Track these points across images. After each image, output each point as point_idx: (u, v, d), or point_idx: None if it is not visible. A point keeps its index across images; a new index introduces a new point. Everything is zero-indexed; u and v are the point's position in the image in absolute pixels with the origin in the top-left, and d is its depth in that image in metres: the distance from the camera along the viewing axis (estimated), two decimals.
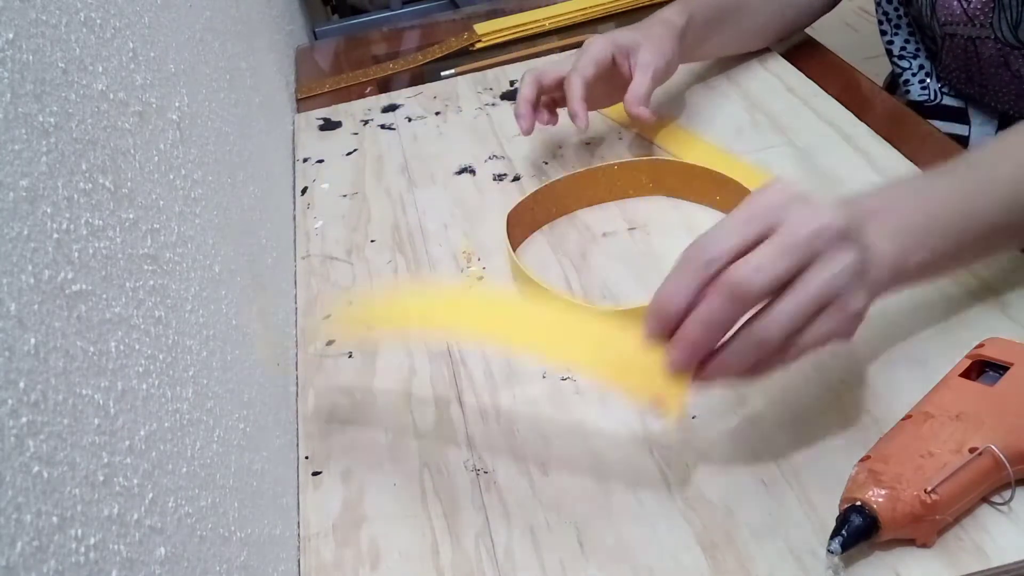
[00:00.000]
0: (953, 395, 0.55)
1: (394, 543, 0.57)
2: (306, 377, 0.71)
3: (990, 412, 0.53)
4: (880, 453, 0.52)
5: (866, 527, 0.49)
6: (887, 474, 0.50)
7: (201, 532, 0.44)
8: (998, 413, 0.53)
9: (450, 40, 1.21)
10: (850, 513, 0.49)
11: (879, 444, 0.53)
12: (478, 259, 0.79)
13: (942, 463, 0.50)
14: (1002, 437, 0.51)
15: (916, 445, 0.52)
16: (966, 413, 0.53)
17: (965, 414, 0.53)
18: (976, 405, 0.53)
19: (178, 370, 0.47)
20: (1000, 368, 0.56)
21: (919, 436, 0.52)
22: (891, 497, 0.49)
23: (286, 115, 1.06)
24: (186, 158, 0.58)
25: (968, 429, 0.52)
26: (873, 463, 0.51)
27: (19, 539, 0.29)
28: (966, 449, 0.51)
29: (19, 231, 0.34)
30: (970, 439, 0.51)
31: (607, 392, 0.64)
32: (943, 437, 0.52)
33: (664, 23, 0.87)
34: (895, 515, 0.49)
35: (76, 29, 0.45)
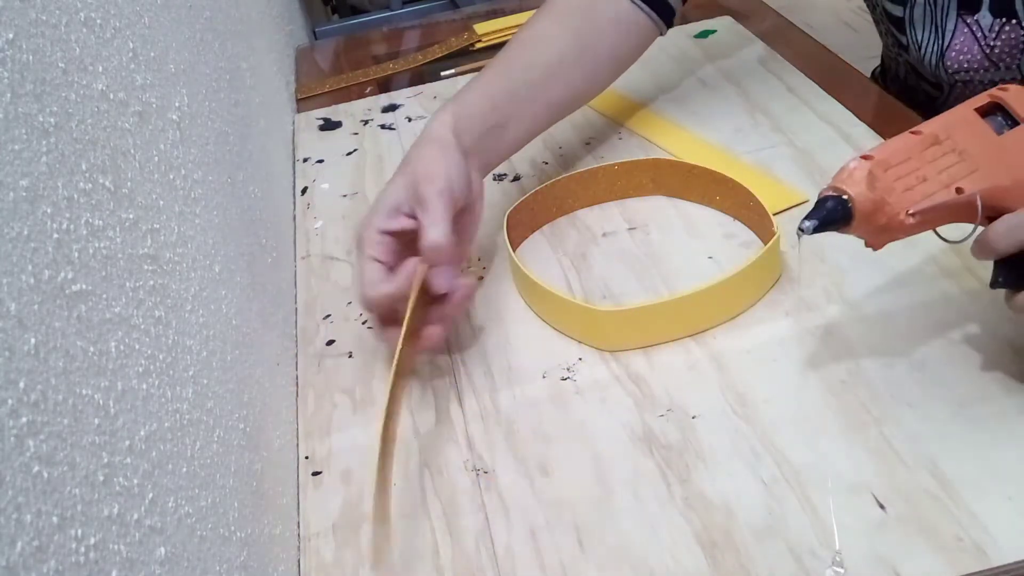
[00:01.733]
0: (966, 129, 0.55)
1: (394, 543, 0.57)
2: (306, 377, 0.71)
3: (988, 160, 0.54)
4: (883, 159, 0.53)
5: (841, 218, 0.52)
6: (881, 182, 0.52)
7: (201, 532, 0.44)
8: (995, 164, 0.54)
9: (450, 40, 1.21)
10: (834, 201, 0.52)
11: (883, 148, 0.54)
12: (478, 259, 0.79)
13: (930, 192, 0.52)
14: (988, 187, 0.53)
15: (916, 164, 0.53)
16: (969, 152, 0.54)
17: (968, 153, 0.54)
18: (980, 148, 0.54)
19: (178, 370, 0.47)
20: (1011, 120, 0.56)
21: (922, 157, 0.53)
22: (877, 204, 0.51)
23: (286, 115, 1.06)
24: (186, 158, 0.58)
25: (964, 168, 0.53)
26: (874, 166, 0.52)
27: (19, 539, 0.29)
28: (954, 187, 0.53)
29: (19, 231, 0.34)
30: (961, 179, 0.53)
31: (607, 392, 0.64)
32: (941, 166, 0.53)
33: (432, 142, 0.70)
34: (870, 220, 0.52)
35: (76, 29, 0.45)
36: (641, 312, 0.66)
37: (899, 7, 0.86)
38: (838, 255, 0.71)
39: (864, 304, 0.66)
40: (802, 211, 0.77)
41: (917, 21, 0.85)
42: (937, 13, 0.83)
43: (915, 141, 0.54)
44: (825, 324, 0.66)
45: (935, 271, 0.68)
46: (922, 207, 0.51)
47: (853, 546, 0.51)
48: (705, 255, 0.74)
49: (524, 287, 0.73)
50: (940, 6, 0.82)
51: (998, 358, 0.60)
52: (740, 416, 0.60)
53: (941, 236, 0.55)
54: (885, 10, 0.89)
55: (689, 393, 0.62)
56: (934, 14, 0.83)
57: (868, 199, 0.51)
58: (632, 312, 0.66)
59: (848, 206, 0.51)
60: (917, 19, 0.85)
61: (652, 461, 0.58)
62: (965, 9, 0.81)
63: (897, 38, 0.90)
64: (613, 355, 0.67)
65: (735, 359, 0.64)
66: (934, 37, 0.84)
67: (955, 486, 0.53)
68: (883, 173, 0.52)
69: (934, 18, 0.83)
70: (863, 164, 0.52)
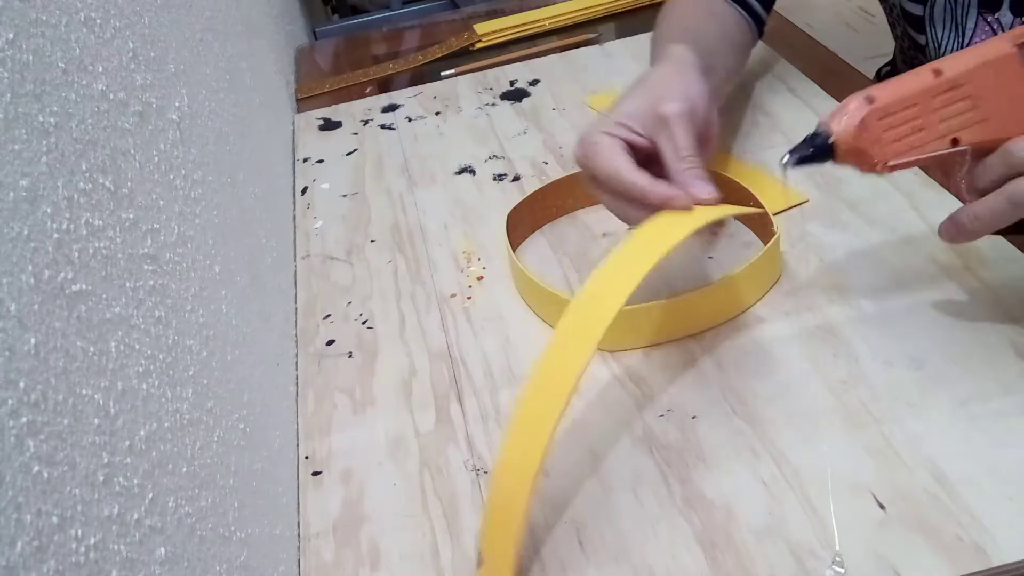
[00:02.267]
0: (990, 76, 0.53)
1: (394, 543, 0.57)
2: (306, 377, 0.71)
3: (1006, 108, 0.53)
4: (883, 105, 0.53)
5: (823, 156, 0.53)
6: (871, 132, 0.52)
7: (201, 532, 0.44)
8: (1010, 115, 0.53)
9: (450, 40, 1.21)
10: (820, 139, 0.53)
11: (893, 88, 0.54)
12: (478, 259, 0.79)
13: (921, 143, 0.52)
14: (991, 134, 0.53)
15: (918, 112, 0.53)
16: (985, 100, 0.53)
17: (984, 100, 0.53)
18: (1001, 94, 0.53)
19: (178, 370, 0.47)
20: None
21: (929, 104, 0.53)
22: (860, 154, 0.52)
23: (286, 115, 1.06)
24: (186, 158, 0.58)
25: (971, 118, 0.53)
26: (870, 114, 0.53)
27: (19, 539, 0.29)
28: (950, 138, 0.52)
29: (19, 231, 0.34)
30: (962, 130, 0.53)
31: (607, 392, 0.64)
32: (946, 115, 0.53)
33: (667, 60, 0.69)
34: (850, 161, 0.53)
35: (76, 29, 0.45)
36: (641, 312, 0.66)
37: (919, 6, 0.86)
38: (838, 255, 0.71)
39: (864, 304, 0.66)
40: (802, 211, 0.77)
41: (937, 19, 0.85)
42: (958, 11, 0.83)
43: (930, 85, 0.53)
44: (825, 324, 0.66)
45: (935, 271, 0.68)
46: (902, 161, 0.52)
47: (853, 546, 0.51)
48: (705, 255, 0.74)
49: (524, 287, 0.73)
50: (960, 4, 0.83)
51: (998, 358, 0.60)
52: (740, 416, 0.60)
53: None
54: (903, 9, 0.89)
55: (689, 393, 0.62)
56: (954, 12, 0.83)
57: (851, 146, 0.52)
58: (632, 312, 0.66)
59: (831, 145, 0.53)
60: (937, 17, 0.85)
61: (652, 461, 0.58)
62: (986, 7, 0.81)
63: (914, 39, 0.89)
64: (613, 355, 0.67)
65: (735, 359, 0.64)
66: (954, 35, 0.84)
67: (955, 486, 0.53)
68: (876, 122, 0.52)
69: (954, 16, 0.83)
70: (860, 108, 0.52)
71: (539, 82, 1.06)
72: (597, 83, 1.03)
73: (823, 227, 0.75)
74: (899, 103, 0.53)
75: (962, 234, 0.57)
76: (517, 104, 1.02)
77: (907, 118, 0.52)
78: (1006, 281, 0.66)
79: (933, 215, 0.73)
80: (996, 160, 0.54)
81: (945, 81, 0.53)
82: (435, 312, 0.74)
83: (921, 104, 0.53)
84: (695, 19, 0.82)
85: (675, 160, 0.62)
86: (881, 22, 1.01)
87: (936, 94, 0.53)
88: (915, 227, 0.72)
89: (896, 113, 0.52)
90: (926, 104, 0.53)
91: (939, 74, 0.54)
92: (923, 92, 0.53)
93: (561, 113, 0.99)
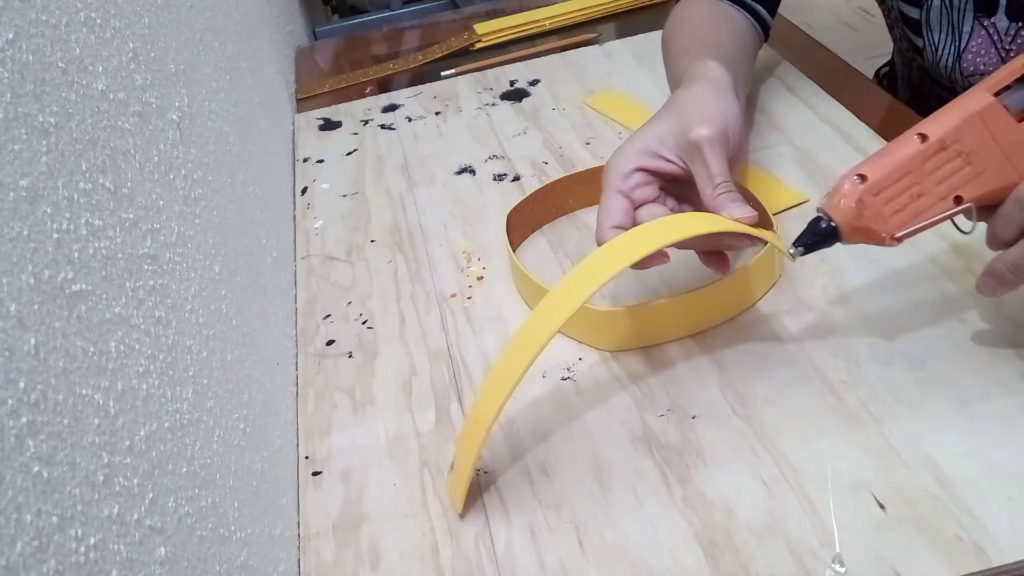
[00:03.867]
0: (978, 125, 0.52)
1: (394, 543, 0.57)
2: (306, 377, 0.71)
3: (1001, 155, 0.52)
4: (876, 181, 0.52)
5: (829, 239, 0.53)
6: (870, 209, 0.52)
7: (201, 532, 0.44)
8: (1007, 159, 0.52)
9: (450, 40, 1.21)
10: (824, 223, 0.53)
11: (882, 163, 0.53)
12: (478, 259, 0.79)
13: (924, 208, 0.52)
14: (994, 186, 0.52)
15: (913, 179, 0.52)
16: (977, 153, 0.52)
17: (976, 154, 0.52)
18: (992, 144, 0.52)
19: (178, 370, 0.47)
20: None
21: (922, 170, 0.52)
22: (863, 231, 0.52)
23: (286, 115, 1.06)
24: (186, 158, 0.58)
25: (969, 173, 0.52)
26: (865, 192, 0.52)
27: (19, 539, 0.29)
28: (952, 197, 0.52)
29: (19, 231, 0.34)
30: (963, 186, 0.52)
31: (607, 392, 0.64)
32: (942, 176, 0.52)
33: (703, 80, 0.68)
34: (857, 239, 0.53)
35: (76, 29, 0.45)
36: (641, 312, 0.66)
37: (915, 9, 0.86)
38: (838, 255, 0.71)
39: (864, 304, 0.66)
40: (802, 211, 0.77)
41: (933, 23, 0.85)
42: (954, 15, 0.83)
43: (918, 151, 0.52)
44: (825, 324, 0.66)
45: (935, 271, 0.68)
46: (909, 230, 0.51)
47: (853, 546, 0.51)
48: None
49: (524, 287, 0.73)
50: (956, 8, 0.82)
51: (998, 358, 0.60)
52: (740, 416, 0.60)
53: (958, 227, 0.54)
54: (901, 12, 0.89)
55: (689, 393, 0.62)
56: (950, 16, 0.83)
57: (854, 226, 0.52)
58: (632, 312, 0.66)
59: (835, 228, 0.52)
60: (933, 21, 0.85)
61: (652, 461, 0.58)
62: (982, 11, 0.81)
63: (912, 41, 0.89)
64: (613, 355, 0.67)
65: (735, 359, 0.64)
66: (950, 39, 0.84)
67: (955, 486, 0.53)
68: (873, 198, 0.51)
69: (951, 20, 0.83)
70: (854, 188, 0.52)
71: (539, 82, 1.06)
72: (597, 83, 1.03)
73: None
74: (891, 175, 0.52)
75: (1003, 285, 0.55)
76: (517, 104, 1.02)
77: (904, 187, 0.52)
78: None
79: None
80: (1012, 209, 0.53)
81: (932, 144, 0.53)
82: (435, 312, 0.74)
83: (914, 171, 0.52)
84: (715, 30, 0.80)
85: (708, 186, 0.62)
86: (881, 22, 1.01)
87: (926, 159, 0.52)
88: None
89: (890, 186, 0.52)
90: (919, 170, 0.52)
91: (925, 138, 0.53)
92: (913, 159, 0.52)
93: (561, 113, 0.99)
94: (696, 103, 0.65)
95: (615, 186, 0.64)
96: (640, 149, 0.65)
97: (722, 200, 0.61)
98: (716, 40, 0.78)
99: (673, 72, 0.76)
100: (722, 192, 0.61)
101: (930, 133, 0.53)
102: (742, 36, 0.83)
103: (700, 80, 0.67)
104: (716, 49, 0.74)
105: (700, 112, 0.64)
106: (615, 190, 0.64)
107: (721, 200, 0.61)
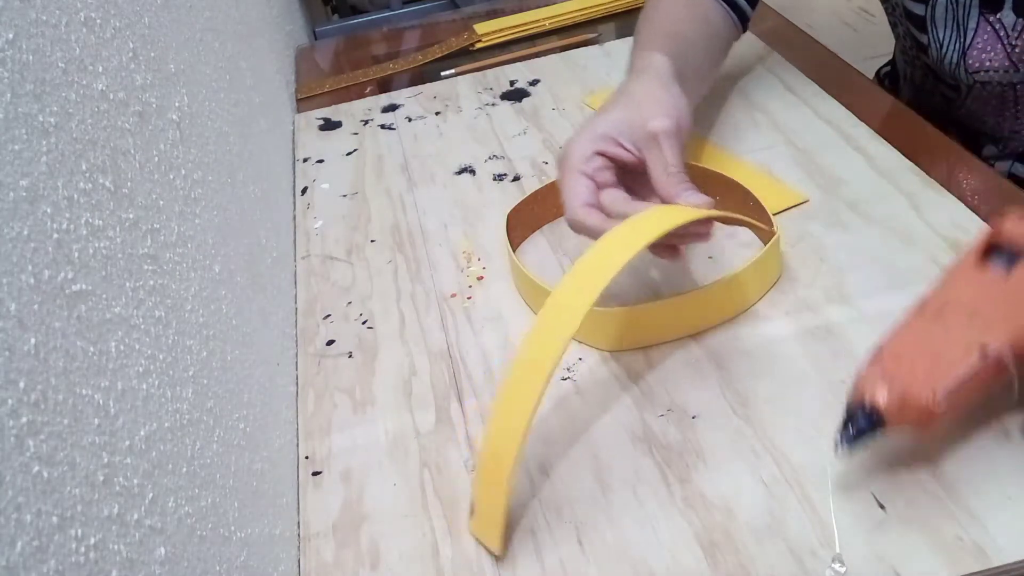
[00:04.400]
0: (969, 288, 0.53)
1: (394, 543, 0.57)
2: (306, 377, 0.71)
3: (1004, 308, 0.51)
4: (893, 350, 0.51)
5: (872, 428, 0.49)
6: (898, 375, 0.50)
7: (201, 532, 0.44)
8: (1012, 309, 0.51)
9: (450, 40, 1.21)
10: (860, 411, 0.49)
11: (893, 338, 0.52)
12: (478, 259, 0.79)
13: (952, 364, 0.49)
14: (1014, 334, 0.50)
15: (928, 342, 0.51)
16: (980, 309, 0.51)
17: (979, 310, 0.51)
18: (991, 299, 0.52)
19: (178, 370, 0.47)
20: (1014, 255, 0.53)
21: (932, 333, 0.51)
22: (901, 401, 0.49)
23: (286, 115, 1.07)
24: (186, 158, 0.58)
25: (981, 327, 0.50)
26: (886, 361, 0.51)
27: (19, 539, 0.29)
28: (975, 350, 0.49)
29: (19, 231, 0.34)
30: (981, 338, 0.50)
31: (607, 392, 0.64)
32: (955, 335, 0.50)
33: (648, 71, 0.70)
34: (903, 416, 0.49)
35: (76, 29, 0.45)
36: (641, 312, 0.66)
37: (920, 5, 0.86)
38: (838, 255, 0.71)
39: (864, 304, 0.66)
40: (802, 211, 0.77)
41: (939, 19, 0.85)
42: (959, 11, 0.83)
43: (920, 320, 0.52)
44: (825, 324, 0.66)
45: (935, 271, 0.68)
46: (949, 383, 0.48)
47: (853, 546, 0.51)
48: (705, 255, 0.74)
49: (524, 287, 0.73)
50: (962, 4, 0.82)
51: None
52: (740, 416, 0.60)
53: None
54: (905, 9, 0.88)
55: (689, 393, 0.62)
56: (956, 12, 0.83)
57: (892, 398, 0.49)
58: (632, 312, 0.66)
59: (876, 411, 0.49)
60: (939, 17, 0.85)
61: (652, 461, 0.58)
62: (987, 8, 0.81)
63: (916, 39, 0.89)
64: (613, 355, 0.67)
65: (735, 359, 0.64)
66: (956, 36, 0.84)
67: (955, 486, 0.53)
68: (897, 365, 0.50)
69: (956, 16, 0.83)
70: (876, 362, 0.51)
71: (539, 82, 1.06)
72: (597, 83, 1.03)
73: (823, 227, 0.74)
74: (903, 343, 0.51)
75: None
76: (517, 104, 1.02)
77: (922, 351, 0.50)
78: None
79: (933, 215, 0.73)
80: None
81: (930, 310, 0.53)
82: (435, 312, 0.74)
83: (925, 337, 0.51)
84: (679, 22, 0.80)
85: (663, 175, 0.64)
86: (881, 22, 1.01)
87: (930, 324, 0.52)
88: (915, 227, 0.72)
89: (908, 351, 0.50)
90: (929, 334, 0.51)
91: (921, 309, 0.53)
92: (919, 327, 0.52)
93: (561, 113, 0.99)
94: (648, 94, 0.68)
95: (578, 168, 0.65)
96: (600, 135, 0.66)
97: (678, 190, 0.63)
98: (674, 31, 0.79)
99: (630, 61, 0.77)
100: (679, 182, 0.64)
101: (924, 304, 0.54)
102: (711, 26, 0.83)
103: (646, 72, 0.70)
104: (669, 40, 0.76)
105: (655, 104, 0.67)
106: (578, 171, 0.65)
107: (677, 189, 0.63)
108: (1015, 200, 0.74)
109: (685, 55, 0.75)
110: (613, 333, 0.67)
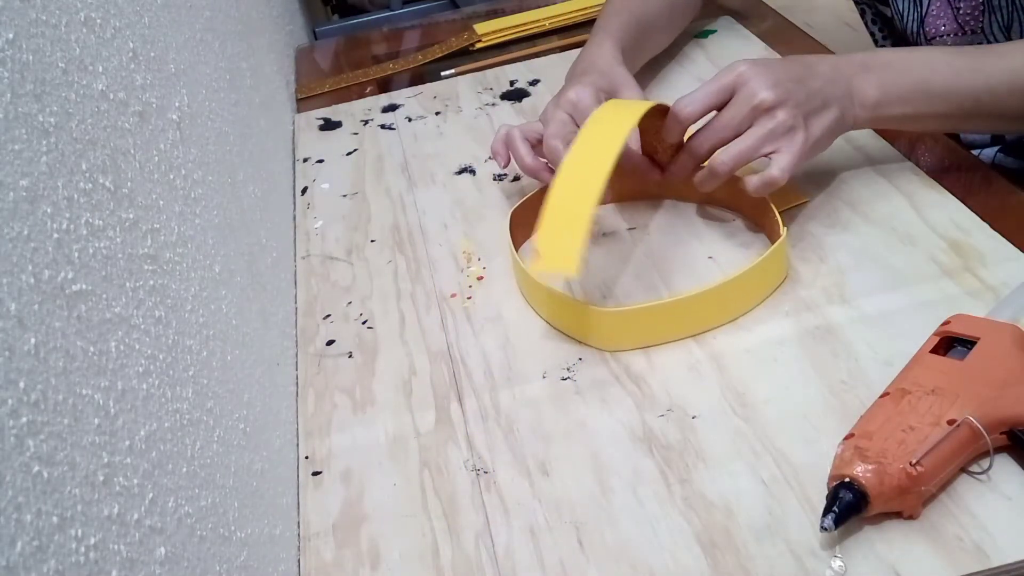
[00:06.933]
0: (927, 371, 0.57)
1: (394, 543, 0.57)
2: (306, 377, 0.71)
3: (963, 385, 0.55)
4: (863, 430, 0.54)
5: (856, 502, 0.50)
6: (872, 450, 0.52)
7: (201, 532, 0.44)
8: (971, 385, 0.55)
9: (450, 40, 1.21)
10: (840, 490, 0.51)
11: (861, 422, 0.55)
12: (478, 259, 0.79)
13: (923, 436, 0.52)
14: (977, 407, 0.53)
15: (897, 420, 0.54)
16: (941, 388, 0.55)
17: (940, 388, 0.55)
18: (949, 379, 0.55)
19: (178, 370, 0.47)
20: (968, 343, 0.58)
21: (899, 411, 0.54)
22: (878, 471, 0.51)
23: (286, 115, 1.06)
24: (186, 158, 0.58)
25: (944, 403, 0.54)
26: (858, 440, 0.53)
27: (19, 539, 0.29)
28: (944, 421, 0.53)
29: (19, 231, 0.34)
30: (947, 412, 0.53)
31: (607, 392, 0.64)
32: (921, 411, 0.54)
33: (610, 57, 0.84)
34: (883, 488, 0.51)
35: (76, 29, 0.45)
36: (641, 312, 0.66)
37: None
38: (838, 255, 0.71)
39: (864, 304, 0.66)
40: (802, 211, 0.77)
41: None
42: None
43: (886, 402, 0.55)
44: (825, 324, 0.66)
45: (935, 271, 0.68)
46: (922, 452, 0.51)
47: (853, 546, 0.51)
48: (705, 255, 0.74)
49: (525, 287, 0.73)
50: None
51: None
52: (740, 416, 0.60)
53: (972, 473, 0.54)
54: None
55: (689, 393, 0.62)
56: None
57: (869, 473, 0.51)
58: (632, 312, 0.66)
59: (854, 487, 0.51)
60: None
61: (652, 461, 0.58)
62: None
63: (881, 11, 0.95)
64: (613, 355, 0.67)
65: (735, 359, 0.64)
66: (913, 6, 0.88)
67: (954, 486, 0.53)
68: (869, 442, 0.52)
69: None
70: (847, 443, 0.53)
71: (539, 82, 1.06)
72: None
73: (823, 227, 0.74)
74: (872, 423, 0.54)
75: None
76: (517, 104, 1.02)
77: (892, 429, 0.53)
78: (1006, 281, 0.66)
79: (933, 215, 0.73)
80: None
81: (895, 393, 0.56)
82: (435, 312, 0.74)
83: (893, 416, 0.54)
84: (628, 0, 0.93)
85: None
86: None
87: (896, 404, 0.55)
88: (915, 227, 0.72)
89: (879, 430, 0.53)
90: (897, 413, 0.54)
91: (886, 395, 0.56)
92: (885, 408, 0.55)
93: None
94: (610, 67, 0.82)
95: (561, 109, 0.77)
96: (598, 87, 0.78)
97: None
98: (623, 7, 0.92)
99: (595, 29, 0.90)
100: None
101: (889, 389, 0.56)
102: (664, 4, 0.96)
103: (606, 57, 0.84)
104: (616, 19, 0.90)
105: (620, 76, 0.81)
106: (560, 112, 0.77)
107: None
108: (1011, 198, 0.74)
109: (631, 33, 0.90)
110: (613, 333, 0.67)
